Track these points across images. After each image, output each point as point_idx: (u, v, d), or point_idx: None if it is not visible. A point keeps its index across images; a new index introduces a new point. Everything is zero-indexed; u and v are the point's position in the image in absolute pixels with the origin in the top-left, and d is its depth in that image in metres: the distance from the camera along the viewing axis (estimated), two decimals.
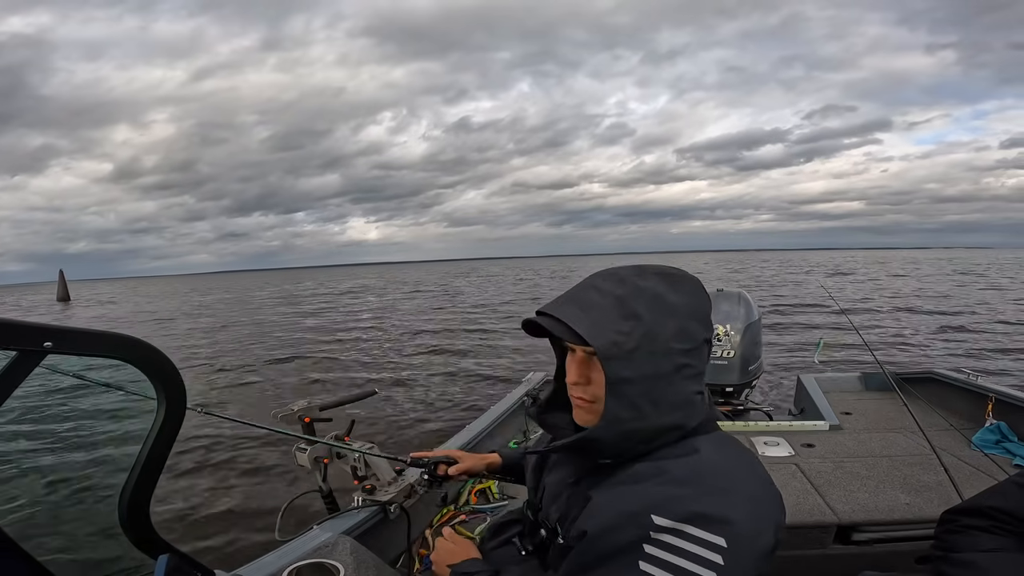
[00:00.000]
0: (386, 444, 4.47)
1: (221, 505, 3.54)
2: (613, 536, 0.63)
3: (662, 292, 0.69)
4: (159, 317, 18.97)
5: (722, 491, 0.62)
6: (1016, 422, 2.23)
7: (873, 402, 2.87)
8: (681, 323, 0.67)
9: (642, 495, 0.64)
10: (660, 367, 0.66)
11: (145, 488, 0.81)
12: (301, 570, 1.16)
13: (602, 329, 0.66)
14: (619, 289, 0.69)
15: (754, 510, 0.62)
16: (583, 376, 0.73)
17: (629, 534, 0.61)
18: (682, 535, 0.59)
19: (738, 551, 0.58)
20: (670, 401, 0.67)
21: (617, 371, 0.65)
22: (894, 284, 21.90)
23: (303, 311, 20.16)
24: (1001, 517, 0.83)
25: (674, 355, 0.67)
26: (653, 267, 0.73)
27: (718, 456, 0.67)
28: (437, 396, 6.38)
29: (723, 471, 0.65)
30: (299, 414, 1.63)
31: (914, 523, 1.59)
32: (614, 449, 0.69)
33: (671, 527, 0.59)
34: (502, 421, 2.54)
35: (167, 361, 0.76)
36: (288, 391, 6.99)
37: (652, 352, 0.66)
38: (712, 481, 0.63)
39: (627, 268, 0.73)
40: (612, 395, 0.66)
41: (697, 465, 0.65)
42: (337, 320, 16.11)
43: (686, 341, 0.67)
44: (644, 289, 0.69)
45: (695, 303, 0.70)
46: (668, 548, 0.59)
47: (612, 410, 0.66)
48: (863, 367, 3.79)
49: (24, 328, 0.60)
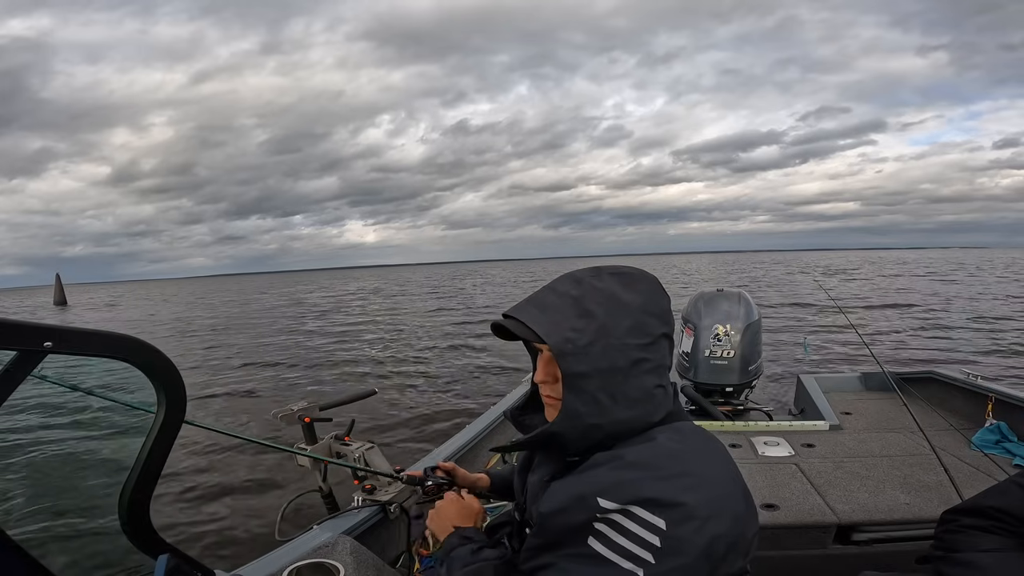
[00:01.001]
0: (386, 444, 4.47)
1: (221, 505, 3.54)
2: (564, 516, 0.66)
3: (616, 291, 0.71)
4: (174, 323, 18.87)
5: (672, 476, 0.63)
6: (1016, 422, 2.23)
7: (873, 402, 2.88)
8: (636, 319, 0.70)
9: (594, 479, 0.66)
10: (615, 361, 0.68)
11: (145, 488, 0.81)
12: (301, 570, 1.17)
13: (557, 327, 0.69)
14: (575, 290, 0.72)
15: (706, 496, 0.63)
16: (549, 375, 0.75)
17: (579, 515, 0.64)
18: (629, 516, 0.61)
19: (679, 534, 0.60)
20: (628, 395, 0.69)
21: (572, 366, 0.68)
22: (893, 284, 21.92)
23: (313, 312, 20.19)
24: (1001, 517, 0.83)
25: (629, 350, 0.68)
26: (609, 268, 0.76)
27: (674, 443, 0.68)
28: (437, 396, 6.39)
29: (676, 457, 0.66)
30: (299, 414, 1.63)
31: (914, 523, 1.59)
32: (578, 443, 0.71)
33: (618, 508, 0.62)
34: (501, 422, 2.54)
35: (167, 361, 0.76)
36: (293, 391, 7.00)
37: (607, 347, 0.68)
38: (664, 465, 0.65)
39: (584, 270, 0.76)
40: (569, 390, 0.68)
41: (651, 451, 0.67)
42: (345, 321, 16.13)
43: (642, 336, 0.69)
44: (599, 288, 0.72)
45: (650, 300, 0.72)
46: (615, 527, 0.62)
47: (570, 404, 0.69)
48: (863, 367, 3.79)
49: (24, 328, 0.60)
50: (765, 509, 1.67)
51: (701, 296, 3.25)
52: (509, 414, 0.89)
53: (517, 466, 0.97)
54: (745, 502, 0.68)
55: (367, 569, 1.31)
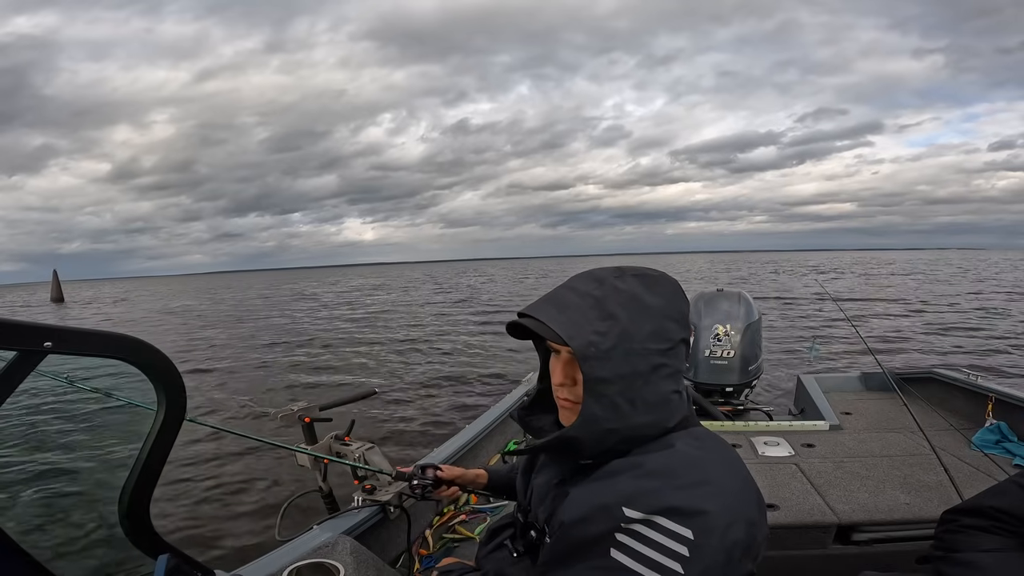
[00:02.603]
0: (386, 444, 4.47)
1: (221, 505, 3.53)
2: (586, 527, 0.64)
3: (639, 293, 0.70)
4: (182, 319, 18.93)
5: (693, 484, 0.63)
6: (1016, 422, 2.23)
7: (873, 402, 2.87)
8: (657, 323, 0.69)
9: (616, 488, 0.65)
10: (637, 367, 0.67)
11: (145, 488, 0.81)
12: (301, 570, 1.17)
13: (580, 329, 0.68)
14: (597, 290, 0.71)
15: (725, 503, 0.62)
16: (569, 377, 0.74)
17: (601, 525, 0.63)
18: (652, 526, 0.60)
19: (705, 543, 0.59)
20: (647, 400, 0.68)
21: (594, 371, 0.66)
22: (892, 284, 21.93)
23: (315, 306, 20.28)
24: (1001, 517, 0.83)
25: (651, 355, 0.68)
26: (631, 268, 0.74)
27: (692, 450, 0.67)
28: (439, 395, 6.39)
29: (696, 465, 0.66)
30: (299, 414, 1.63)
31: (914, 523, 1.59)
32: (593, 448, 0.70)
33: (642, 518, 0.61)
34: (502, 421, 2.54)
35: (168, 362, 0.76)
36: (291, 390, 7.01)
37: (629, 352, 0.67)
38: (684, 474, 0.64)
39: (605, 269, 0.74)
40: (590, 394, 0.67)
41: (671, 459, 0.66)
42: (347, 318, 16.16)
43: (663, 341, 0.69)
44: (621, 290, 0.70)
45: (672, 304, 0.71)
46: (638, 538, 0.60)
47: (589, 409, 0.67)
48: (863, 367, 3.79)
49: (24, 328, 0.60)
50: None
51: (701, 296, 3.26)
52: (516, 415, 0.88)
53: (520, 467, 0.96)
54: (758, 507, 0.67)
55: (367, 569, 1.31)
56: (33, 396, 4.58)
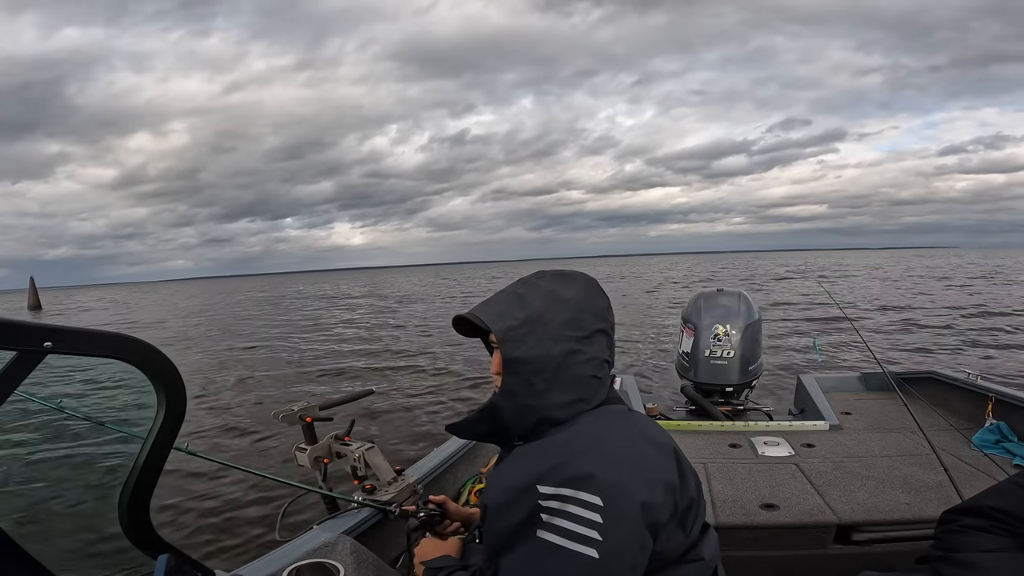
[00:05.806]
0: (386, 444, 4.47)
1: (221, 505, 3.53)
2: (510, 512, 0.71)
3: (555, 288, 0.81)
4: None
5: (591, 452, 0.69)
6: (1016, 422, 2.23)
7: (873, 402, 2.87)
8: (572, 314, 0.79)
9: (528, 468, 0.72)
10: (550, 350, 0.76)
11: (145, 488, 0.81)
12: (301, 570, 1.16)
13: (501, 317, 0.79)
14: (520, 288, 0.83)
15: (627, 466, 0.68)
16: (500, 365, 0.82)
17: (523, 509, 0.69)
18: (563, 499, 0.66)
19: (616, 507, 0.65)
20: (562, 381, 0.77)
21: (511, 351, 0.77)
22: (885, 284, 21.93)
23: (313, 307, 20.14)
24: (1001, 517, 0.83)
25: (564, 340, 0.77)
26: (552, 270, 0.86)
27: (595, 422, 0.75)
28: (437, 395, 6.38)
29: (594, 433, 0.73)
30: (299, 414, 1.63)
31: (914, 523, 1.59)
32: (516, 422, 0.79)
33: (554, 493, 0.67)
34: None
35: (168, 362, 0.76)
36: (293, 391, 7.00)
37: (543, 336, 0.77)
38: (582, 443, 0.71)
39: (532, 274, 0.87)
40: (508, 372, 0.77)
41: (574, 433, 0.74)
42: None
43: (578, 329, 0.78)
44: (540, 286, 0.82)
45: (587, 298, 0.82)
46: (556, 513, 0.66)
47: (508, 384, 0.77)
48: (863, 367, 3.79)
49: (24, 328, 0.60)
50: (765, 509, 1.67)
51: (701, 296, 3.26)
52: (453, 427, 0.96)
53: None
54: (679, 472, 0.72)
55: (367, 569, 1.31)
56: (31, 396, 4.57)
